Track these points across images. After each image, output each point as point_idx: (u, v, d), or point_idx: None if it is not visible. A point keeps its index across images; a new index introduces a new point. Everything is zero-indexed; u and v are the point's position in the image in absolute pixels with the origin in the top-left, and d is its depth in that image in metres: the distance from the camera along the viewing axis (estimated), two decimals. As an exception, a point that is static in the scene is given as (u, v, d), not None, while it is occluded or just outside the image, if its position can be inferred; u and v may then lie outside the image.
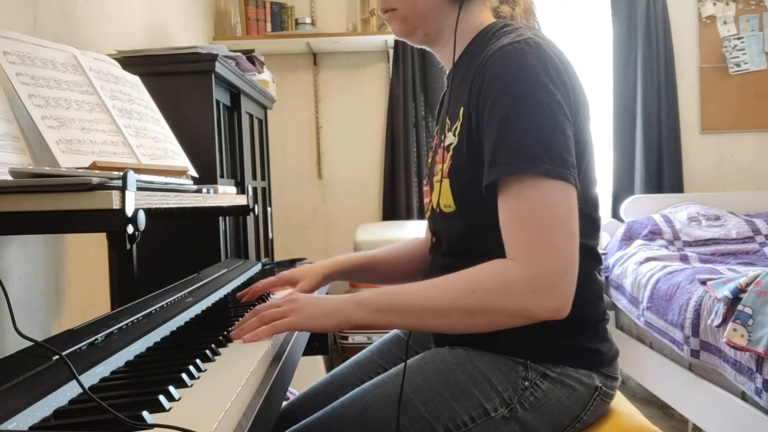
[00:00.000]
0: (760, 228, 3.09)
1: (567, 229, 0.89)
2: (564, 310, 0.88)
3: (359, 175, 3.52)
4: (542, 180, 0.88)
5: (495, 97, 0.92)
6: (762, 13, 3.49)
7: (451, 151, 1.02)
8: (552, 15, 3.54)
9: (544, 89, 0.91)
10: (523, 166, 0.89)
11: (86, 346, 0.77)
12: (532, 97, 0.90)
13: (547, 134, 0.90)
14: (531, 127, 0.90)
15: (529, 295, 0.86)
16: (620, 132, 3.49)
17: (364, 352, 1.27)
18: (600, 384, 1.00)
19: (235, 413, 0.64)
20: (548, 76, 0.91)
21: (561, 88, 0.92)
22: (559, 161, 0.89)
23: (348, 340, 2.90)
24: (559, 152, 0.89)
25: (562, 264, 0.87)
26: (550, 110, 0.90)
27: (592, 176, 1.03)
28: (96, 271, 1.55)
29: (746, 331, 1.85)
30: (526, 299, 0.87)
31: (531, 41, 0.94)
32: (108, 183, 0.83)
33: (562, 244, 0.88)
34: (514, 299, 0.87)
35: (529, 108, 0.90)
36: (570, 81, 0.95)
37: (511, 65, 0.92)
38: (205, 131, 1.75)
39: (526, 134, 0.90)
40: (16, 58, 1.04)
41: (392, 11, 1.08)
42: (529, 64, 0.92)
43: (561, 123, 0.91)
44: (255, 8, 3.23)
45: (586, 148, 0.99)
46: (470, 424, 0.95)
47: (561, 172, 0.89)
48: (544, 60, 0.92)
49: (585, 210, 0.99)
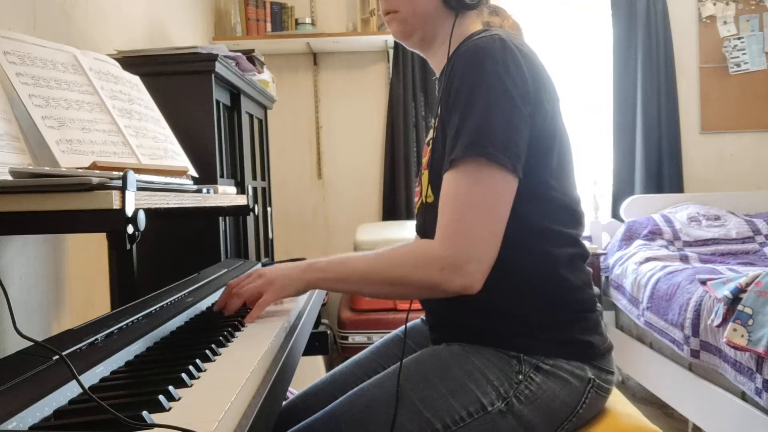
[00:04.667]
0: (760, 228, 3.09)
1: (486, 217, 0.95)
2: (472, 288, 0.95)
3: (359, 175, 3.52)
4: (481, 165, 0.94)
5: (457, 88, 0.98)
6: (762, 13, 3.49)
7: (431, 144, 1.08)
8: (552, 15, 3.54)
9: (497, 79, 0.95)
10: (467, 151, 0.94)
11: (86, 346, 0.77)
12: (484, 87, 0.95)
13: (495, 122, 0.94)
14: (482, 115, 0.95)
15: (437, 272, 0.95)
16: (620, 132, 3.49)
17: (364, 352, 1.28)
18: (593, 376, 1.01)
19: (235, 413, 0.64)
20: (505, 68, 0.96)
21: (517, 80, 0.96)
22: (501, 148, 0.93)
23: (348, 340, 2.90)
24: (503, 140, 0.94)
25: (469, 249, 0.94)
26: (501, 100, 0.95)
27: (567, 168, 1.06)
28: (96, 271, 1.55)
29: (746, 331, 1.85)
30: (434, 275, 0.95)
31: (496, 38, 0.99)
32: (108, 183, 0.83)
33: (477, 230, 0.94)
34: (425, 273, 0.96)
35: (481, 97, 0.95)
36: (531, 75, 0.98)
37: (472, 58, 0.98)
38: (205, 131, 1.75)
39: (476, 121, 0.95)
40: (16, 58, 1.04)
41: (394, 13, 1.13)
42: (488, 58, 0.96)
43: (511, 113, 0.95)
44: (255, 8, 3.24)
45: (554, 139, 1.02)
46: (468, 419, 0.96)
47: (501, 159, 0.93)
48: (505, 54, 0.97)
49: (562, 201, 1.03)
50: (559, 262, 1.02)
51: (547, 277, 1.01)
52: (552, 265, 1.01)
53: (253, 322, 1.03)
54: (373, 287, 1.03)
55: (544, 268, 1.01)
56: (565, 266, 1.02)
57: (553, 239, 1.02)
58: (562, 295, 1.02)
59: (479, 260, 0.94)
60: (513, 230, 0.99)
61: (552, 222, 1.02)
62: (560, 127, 1.03)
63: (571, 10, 3.57)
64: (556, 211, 1.03)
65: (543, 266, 1.01)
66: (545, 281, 1.02)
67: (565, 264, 1.02)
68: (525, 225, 1.00)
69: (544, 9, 3.54)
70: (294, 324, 1.11)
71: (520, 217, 0.99)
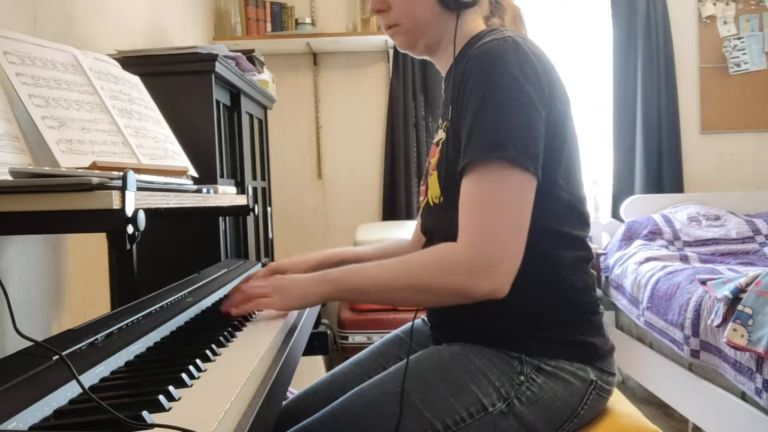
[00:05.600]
0: (760, 228, 3.09)
1: (511, 219, 0.94)
2: (500, 291, 0.93)
3: (359, 175, 3.52)
4: (503, 167, 0.93)
5: (471, 90, 0.98)
6: (762, 13, 3.49)
7: (440, 145, 1.08)
8: (552, 15, 3.54)
9: (515, 83, 0.95)
10: (487, 153, 0.94)
11: (86, 346, 0.77)
12: (502, 90, 0.95)
13: (513, 125, 0.94)
14: (499, 117, 0.94)
15: (464, 276, 0.93)
16: (620, 132, 3.49)
17: (365, 352, 1.28)
18: (595, 378, 1.01)
19: (235, 413, 0.64)
20: (521, 71, 0.96)
21: (534, 83, 0.96)
22: (522, 150, 0.93)
23: (348, 340, 2.90)
24: (523, 142, 0.94)
25: (496, 251, 0.93)
26: (519, 103, 0.95)
27: (575, 168, 1.06)
28: (96, 271, 1.55)
29: (746, 331, 1.85)
30: (462, 279, 0.93)
31: (509, 39, 0.99)
32: (108, 183, 0.83)
33: (501, 233, 0.93)
34: (452, 279, 0.94)
35: (499, 100, 0.95)
36: (545, 76, 0.98)
37: (487, 61, 0.97)
38: (205, 131, 1.75)
39: (493, 124, 0.94)
40: (16, 58, 1.04)
41: (396, 26, 1.13)
42: (502, 60, 0.96)
43: (529, 116, 0.95)
44: (255, 8, 3.23)
45: (565, 140, 1.02)
46: (468, 420, 0.96)
47: (522, 161, 0.93)
48: (519, 56, 0.97)
49: (569, 201, 1.03)
50: (564, 265, 1.02)
51: (551, 279, 1.01)
52: (557, 267, 1.01)
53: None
54: (395, 296, 1.01)
55: (548, 270, 1.01)
56: (569, 269, 1.02)
57: (559, 241, 1.02)
58: (565, 298, 1.02)
59: (507, 261, 0.93)
60: None
61: (560, 224, 1.02)
62: (570, 127, 1.03)
63: (571, 9, 3.57)
64: (564, 212, 1.03)
65: (548, 268, 1.01)
66: (549, 283, 1.01)
67: (570, 266, 1.02)
68: (533, 226, 0.99)
69: (544, 9, 3.54)
70: (294, 324, 1.11)
71: None
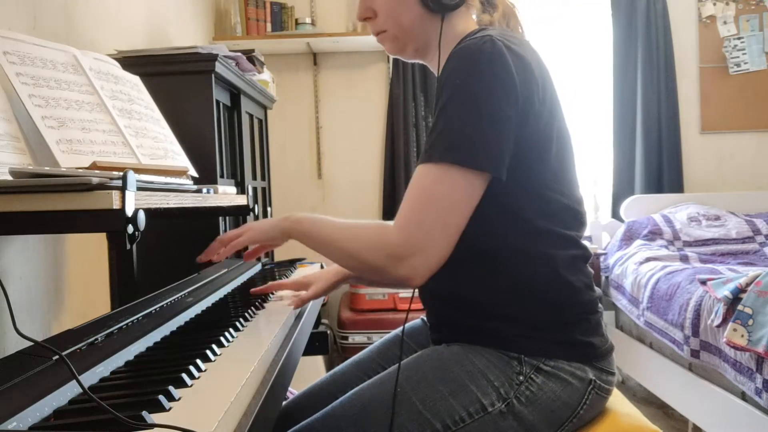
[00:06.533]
0: (760, 228, 3.09)
1: (444, 220, 0.95)
2: (412, 281, 0.96)
3: (359, 176, 3.52)
4: (452, 169, 0.94)
5: (442, 90, 0.98)
6: (762, 13, 3.49)
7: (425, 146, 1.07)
8: (552, 15, 3.54)
9: (481, 83, 0.94)
10: (442, 153, 0.94)
11: (86, 346, 0.77)
12: (467, 89, 0.94)
13: (473, 126, 0.94)
14: (459, 117, 0.94)
15: (384, 257, 0.97)
16: (620, 132, 3.49)
17: (365, 352, 1.28)
18: (594, 377, 1.01)
19: (235, 413, 0.64)
20: (491, 69, 0.94)
21: (505, 81, 0.94)
22: (479, 152, 0.93)
23: (348, 340, 2.90)
24: (481, 144, 0.93)
25: (419, 242, 0.94)
26: (484, 102, 0.94)
27: (566, 168, 1.05)
28: (96, 271, 1.55)
29: (746, 331, 1.85)
30: (381, 258, 0.97)
31: (488, 39, 0.97)
32: (108, 183, 0.83)
33: (429, 230, 0.94)
34: (375, 256, 0.98)
35: (462, 99, 0.95)
36: (522, 77, 0.96)
37: (458, 61, 0.97)
38: (205, 131, 1.75)
39: (452, 124, 0.95)
40: (16, 58, 1.04)
41: (383, 33, 1.13)
42: (473, 60, 0.95)
43: (495, 115, 0.94)
44: (255, 8, 3.24)
45: (552, 138, 1.01)
46: (468, 420, 0.96)
47: (477, 163, 0.93)
48: (493, 55, 0.95)
49: (562, 201, 1.02)
50: (560, 264, 1.01)
51: (548, 279, 1.01)
52: (553, 267, 1.01)
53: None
54: (333, 254, 1.06)
55: (545, 270, 1.01)
56: (566, 268, 1.02)
57: (554, 241, 1.02)
58: (563, 297, 1.02)
59: (425, 255, 0.94)
60: (514, 232, 0.99)
61: (553, 224, 1.02)
62: (559, 127, 1.02)
63: (571, 9, 3.57)
64: (558, 213, 1.02)
65: (544, 268, 1.01)
66: (546, 283, 1.01)
67: (567, 266, 1.02)
68: (526, 227, 1.00)
69: (544, 9, 3.54)
70: (294, 324, 1.11)
71: (521, 219, 0.99)
